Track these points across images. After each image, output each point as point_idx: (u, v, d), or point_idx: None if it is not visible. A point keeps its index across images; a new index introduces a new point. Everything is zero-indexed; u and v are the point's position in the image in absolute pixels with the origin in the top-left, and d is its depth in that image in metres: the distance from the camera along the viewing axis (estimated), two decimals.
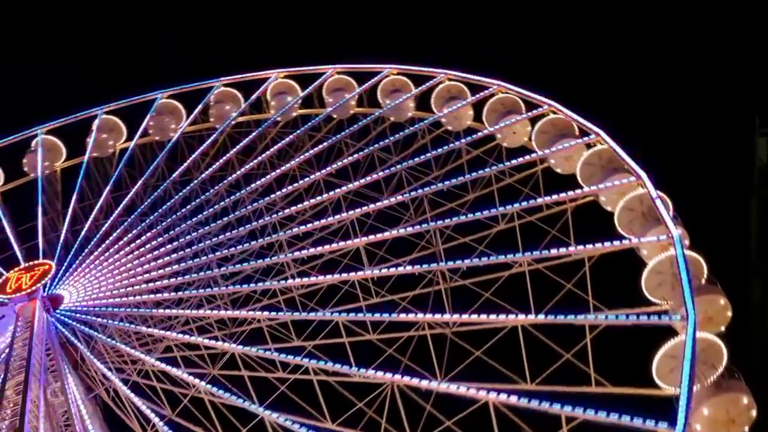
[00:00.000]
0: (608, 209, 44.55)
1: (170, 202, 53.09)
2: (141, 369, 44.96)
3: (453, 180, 48.34)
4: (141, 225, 51.99)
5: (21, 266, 49.83)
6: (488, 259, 43.11)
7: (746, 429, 35.03)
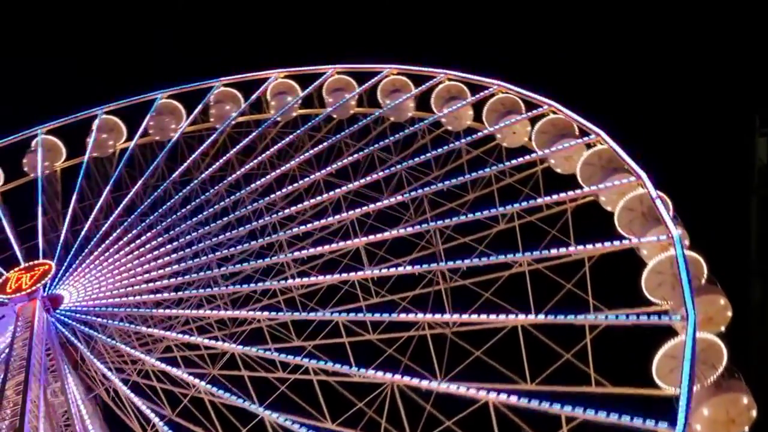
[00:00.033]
0: (608, 209, 44.51)
1: (170, 202, 53.05)
2: (141, 369, 44.94)
3: (453, 180, 48.31)
4: (141, 225, 51.97)
5: (21, 266, 49.85)
6: (488, 259, 43.12)
7: (746, 429, 34.98)
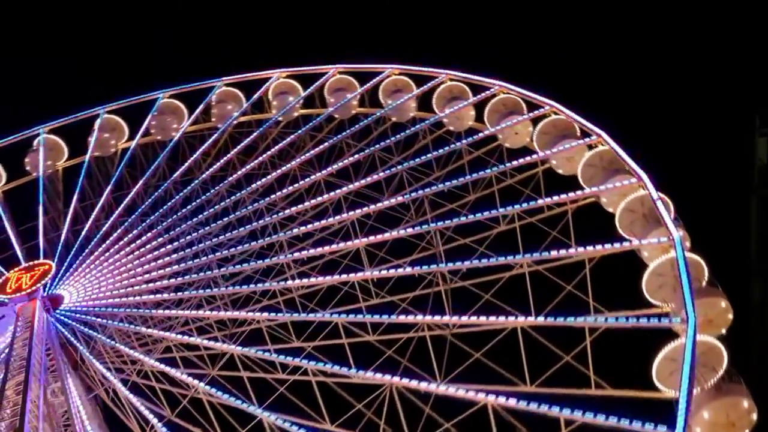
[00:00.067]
0: (610, 210, 44.34)
1: (171, 203, 52.98)
2: (141, 369, 44.90)
3: (454, 181, 48.18)
4: (141, 225, 51.92)
5: (21, 266, 49.83)
6: (488, 261, 42.97)
7: None
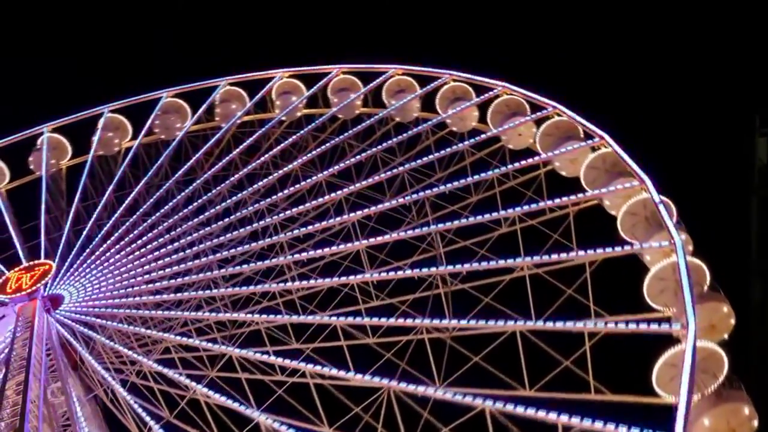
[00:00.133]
0: (612, 213, 43.99)
1: (173, 202, 52.89)
2: (140, 370, 44.80)
3: (455, 182, 47.91)
4: (143, 225, 51.85)
5: (21, 266, 49.80)
6: (489, 264, 42.68)
7: None
